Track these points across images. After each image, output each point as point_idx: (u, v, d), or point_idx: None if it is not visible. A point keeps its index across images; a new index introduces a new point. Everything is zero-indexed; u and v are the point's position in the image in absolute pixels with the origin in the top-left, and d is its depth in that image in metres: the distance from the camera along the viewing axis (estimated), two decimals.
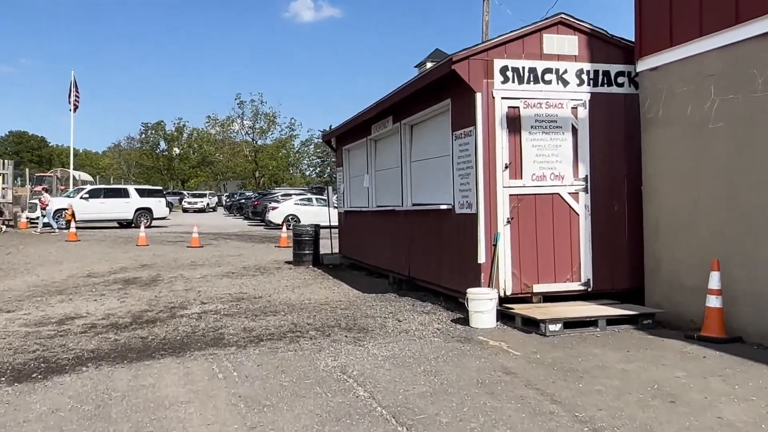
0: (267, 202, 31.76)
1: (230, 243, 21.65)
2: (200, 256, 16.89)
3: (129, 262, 15.74)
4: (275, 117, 76.07)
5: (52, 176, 43.11)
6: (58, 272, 13.80)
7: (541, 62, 7.62)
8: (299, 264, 14.38)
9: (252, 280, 11.91)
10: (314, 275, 12.68)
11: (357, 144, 12.91)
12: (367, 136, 11.99)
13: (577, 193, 7.70)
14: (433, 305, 8.59)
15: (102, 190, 29.30)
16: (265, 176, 76.67)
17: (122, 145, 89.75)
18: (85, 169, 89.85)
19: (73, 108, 37.14)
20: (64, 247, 19.38)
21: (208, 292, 10.53)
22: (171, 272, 13.44)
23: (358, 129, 12.40)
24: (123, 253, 17.97)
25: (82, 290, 10.98)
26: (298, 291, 10.53)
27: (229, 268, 14.04)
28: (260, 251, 18.48)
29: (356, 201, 13.34)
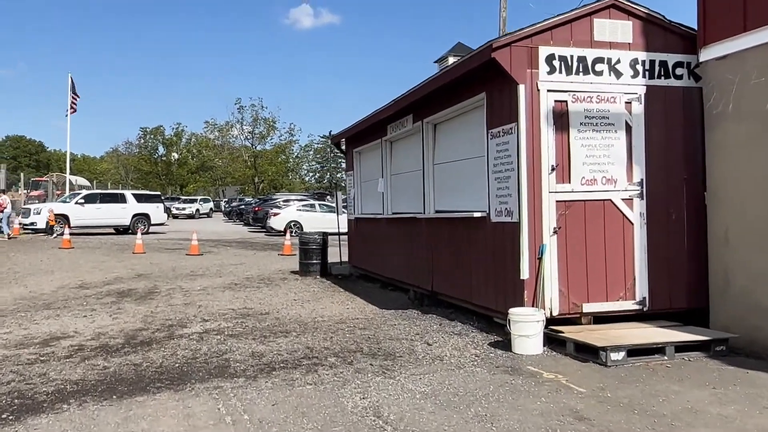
0: (268, 208, 30.80)
1: (231, 251, 20.71)
2: (200, 265, 15.94)
3: (124, 271, 14.79)
4: (275, 122, 75.27)
5: (48, 181, 42.18)
6: (48, 283, 12.85)
7: (592, 50, 6.71)
8: (306, 274, 13.45)
9: (257, 293, 10.96)
10: (324, 287, 11.74)
11: (370, 146, 11.99)
12: (382, 137, 11.07)
13: (632, 200, 6.77)
14: (464, 325, 7.65)
15: (98, 195, 28.31)
16: (264, 182, 75.74)
17: (120, 150, 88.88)
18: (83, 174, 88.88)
19: (70, 110, 36.20)
20: (57, 255, 18.42)
21: (210, 306, 9.58)
22: (169, 283, 12.49)
23: (371, 130, 11.49)
24: (118, 261, 17.02)
25: (72, 304, 10.03)
26: (309, 306, 9.58)
27: (231, 279, 13.10)
28: (263, 260, 17.54)
29: (368, 207, 12.42)
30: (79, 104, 36.81)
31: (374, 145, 11.68)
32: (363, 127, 11.75)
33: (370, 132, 11.66)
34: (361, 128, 11.88)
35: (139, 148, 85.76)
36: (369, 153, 12.32)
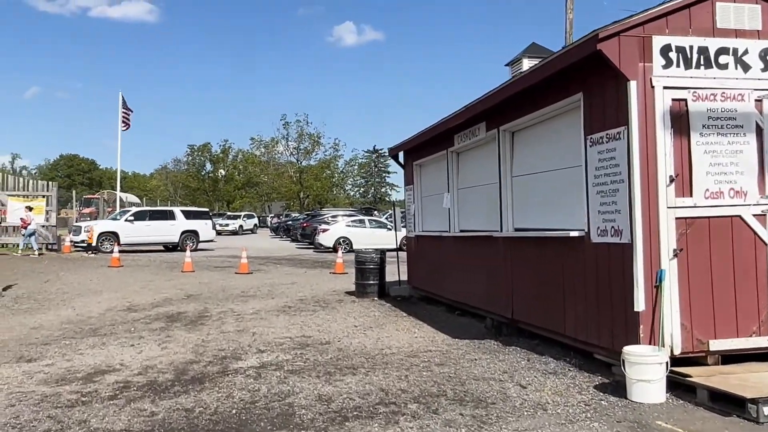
0: (317, 224, 30.22)
1: (280, 269, 20.06)
2: (250, 285, 15.27)
3: (173, 291, 14.21)
4: (320, 137, 75.31)
5: (99, 198, 42.68)
6: (95, 304, 12.34)
7: (714, 40, 5.69)
8: (363, 296, 12.59)
9: (313, 318, 10.14)
10: (384, 311, 10.84)
11: (433, 158, 11.11)
12: (448, 148, 10.18)
13: (765, 216, 5.69)
14: (557, 361, 6.63)
15: (147, 213, 28.22)
16: (309, 197, 75.73)
17: (169, 168, 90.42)
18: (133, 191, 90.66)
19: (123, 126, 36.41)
20: (106, 273, 18.06)
21: (265, 334, 8.79)
22: (219, 305, 11.80)
23: (435, 140, 10.62)
24: (167, 280, 16.51)
25: (119, 330, 9.39)
26: (372, 334, 8.70)
27: (284, 301, 12.34)
28: (315, 279, 16.78)
29: (431, 224, 11.51)
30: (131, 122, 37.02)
31: (438, 157, 10.79)
32: (425, 138, 10.89)
33: (433, 143, 10.79)
34: (423, 139, 11.02)
35: (187, 165, 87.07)
36: (432, 166, 11.44)
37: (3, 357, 7.66)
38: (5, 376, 6.66)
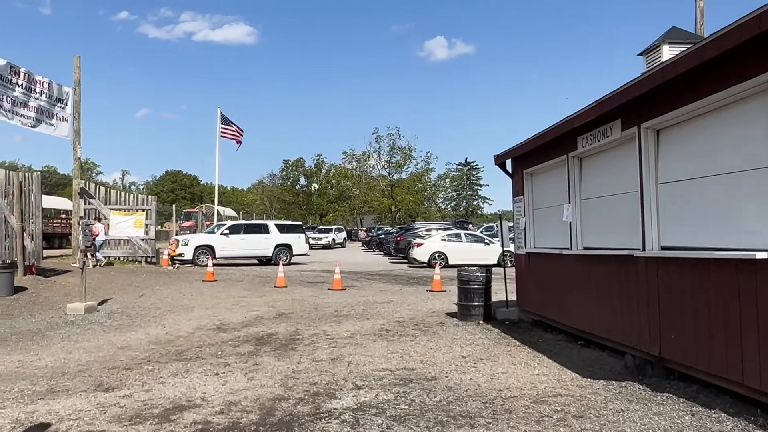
0: (410, 238, 29.20)
1: (374, 285, 19.14)
2: (344, 303, 14.41)
3: (265, 309, 13.57)
4: (411, 151, 74.71)
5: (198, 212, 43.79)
6: (186, 322, 11.83)
7: None
8: (466, 318, 11.37)
9: (414, 345, 9.04)
10: (493, 338, 9.58)
11: (548, 165, 9.78)
12: (569, 153, 8.84)
13: None
14: (734, 419, 5.15)
15: (242, 226, 28.23)
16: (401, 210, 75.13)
17: (265, 182, 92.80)
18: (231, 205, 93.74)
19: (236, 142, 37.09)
20: (200, 288, 17.80)
21: (361, 364, 7.78)
22: (312, 327, 10.95)
23: (551, 145, 9.30)
24: (259, 296, 15.97)
25: (206, 353, 8.67)
26: (484, 368, 7.48)
27: (380, 323, 11.33)
28: (411, 297, 15.71)
29: (545, 240, 10.17)
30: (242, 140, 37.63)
31: (555, 163, 9.46)
32: (539, 142, 9.59)
33: (548, 148, 9.47)
34: (537, 144, 9.72)
35: (282, 179, 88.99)
36: (547, 174, 10.11)
37: (82, 383, 7.06)
38: (78, 408, 5.98)
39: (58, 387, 6.91)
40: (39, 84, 22.55)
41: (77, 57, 24.91)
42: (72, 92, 24.37)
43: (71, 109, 24.42)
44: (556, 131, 8.85)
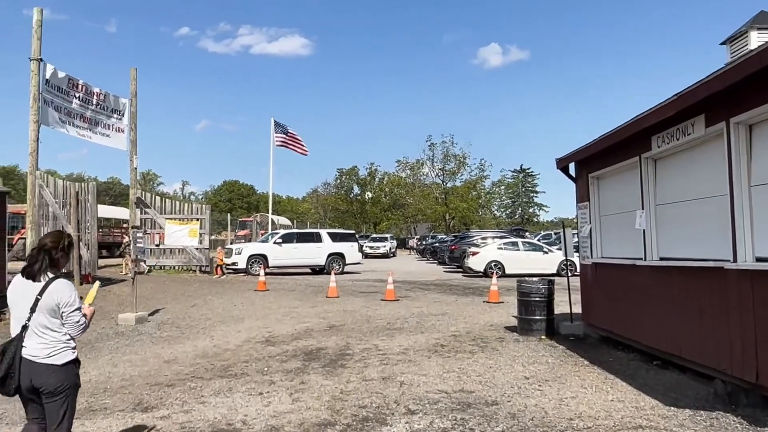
0: (466, 247, 28.42)
1: (429, 295, 18.51)
2: (397, 315, 13.86)
3: (315, 320, 13.15)
4: (465, 158, 73.69)
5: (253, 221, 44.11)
6: (235, 334, 11.51)
7: None
8: (527, 333, 10.63)
9: (472, 363, 8.39)
10: (558, 356, 8.82)
11: (617, 168, 9.00)
12: (641, 154, 8.06)
13: None
14: None
15: (295, 235, 28.06)
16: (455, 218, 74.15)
17: (319, 191, 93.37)
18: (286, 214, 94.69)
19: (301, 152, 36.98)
20: (251, 298, 17.57)
21: (415, 384, 7.19)
22: (363, 341, 10.43)
23: (620, 146, 8.53)
24: (311, 307, 15.58)
25: (251, 369, 8.26)
26: (551, 392, 6.78)
27: (435, 336, 10.72)
28: (467, 308, 15.02)
29: (614, 249, 9.36)
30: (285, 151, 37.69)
31: (625, 166, 8.68)
32: (606, 144, 8.82)
33: (617, 149, 8.70)
34: (604, 146, 8.94)
35: (336, 188, 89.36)
36: (615, 177, 9.32)
37: (122, 401, 6.73)
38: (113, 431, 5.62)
39: (97, 405, 6.60)
40: (96, 95, 22.95)
41: (134, 69, 25.31)
42: (128, 103, 24.75)
43: (128, 120, 24.80)
44: (626, 130, 8.08)
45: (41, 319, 3.79)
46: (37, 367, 3.78)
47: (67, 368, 3.85)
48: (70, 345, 3.88)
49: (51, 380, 3.78)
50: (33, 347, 3.79)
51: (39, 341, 3.80)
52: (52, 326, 3.80)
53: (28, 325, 3.80)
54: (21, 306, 3.84)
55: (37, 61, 19.24)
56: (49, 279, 3.84)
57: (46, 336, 3.80)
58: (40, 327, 3.79)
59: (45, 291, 3.79)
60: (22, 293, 3.85)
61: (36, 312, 3.78)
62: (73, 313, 3.83)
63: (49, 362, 3.79)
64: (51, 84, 20.21)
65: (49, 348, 3.79)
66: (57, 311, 3.79)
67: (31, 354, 3.79)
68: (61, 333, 3.84)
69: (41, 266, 3.85)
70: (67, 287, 3.85)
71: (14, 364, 3.77)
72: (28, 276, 3.85)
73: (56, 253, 3.91)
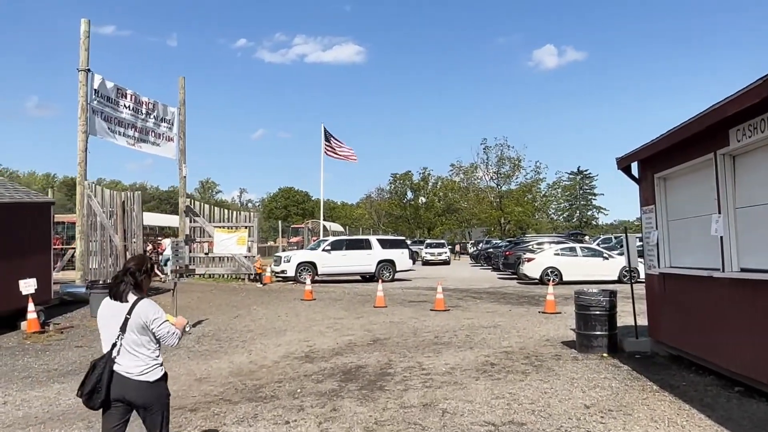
0: (521, 252, 27.30)
1: (480, 305, 17.62)
2: (445, 327, 13.08)
3: (360, 333, 12.51)
4: (520, 161, 71.83)
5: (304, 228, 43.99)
6: (274, 348, 11.00)
7: None
8: (586, 350, 9.69)
9: (524, 386, 7.55)
10: (622, 379, 7.86)
11: (688, 166, 8.00)
12: (716, 150, 7.07)
13: None
14: None
15: (344, 242, 27.55)
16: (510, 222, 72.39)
17: (373, 197, 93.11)
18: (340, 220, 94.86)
19: (344, 157, 36.53)
20: (296, 309, 17.08)
21: (459, 413, 6.41)
22: (406, 358, 9.71)
23: (691, 142, 7.55)
24: (356, 318, 14.96)
25: (283, 392, 7.66)
26: (616, 426, 5.88)
27: (484, 353, 9.90)
28: (521, 320, 14.09)
29: (685, 258, 8.34)
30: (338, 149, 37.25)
31: (698, 164, 7.68)
32: (675, 140, 7.83)
33: (688, 146, 7.71)
34: (671, 142, 7.95)
35: (390, 193, 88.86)
36: (685, 178, 8.31)
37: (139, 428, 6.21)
38: None
39: None
40: (145, 105, 23.06)
41: (182, 78, 25.40)
42: (177, 112, 24.82)
43: (177, 129, 24.86)
44: (699, 123, 7.10)
45: (133, 338, 4.04)
46: (131, 383, 4.03)
47: (159, 384, 4.13)
48: (158, 362, 4.16)
49: (145, 396, 4.07)
50: (126, 365, 4.03)
51: (132, 359, 4.03)
52: (143, 343, 4.05)
53: (118, 343, 4.04)
54: (111, 325, 4.08)
55: (84, 72, 19.38)
56: (135, 299, 4.08)
57: (138, 354, 4.05)
58: (133, 345, 4.04)
59: (132, 311, 4.04)
60: (110, 314, 4.10)
61: (126, 331, 4.03)
62: (161, 326, 4.09)
63: (142, 379, 4.04)
64: (100, 94, 20.36)
65: (141, 366, 4.03)
66: (146, 329, 4.04)
67: (125, 371, 4.03)
68: (151, 350, 4.10)
69: (126, 288, 4.12)
70: (152, 305, 4.11)
71: (102, 380, 4.00)
72: (114, 297, 4.12)
73: (140, 275, 4.18)
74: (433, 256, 44.74)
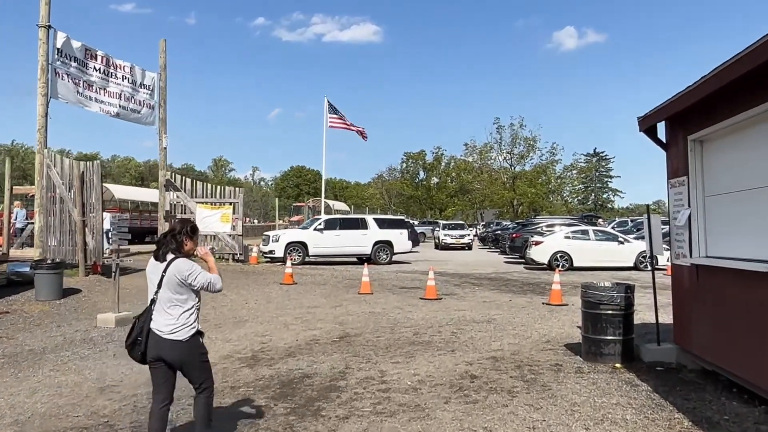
0: (528, 235, 25.23)
1: (478, 293, 15.66)
2: (430, 320, 11.18)
3: (329, 327, 10.67)
4: (535, 141, 69.23)
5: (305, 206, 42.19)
6: (220, 345, 9.18)
7: None
8: (594, 358, 7.73)
9: (508, 415, 5.60)
10: (641, 406, 5.87)
11: (736, 123, 5.93)
12: None
13: None
14: None
15: (338, 221, 25.58)
16: (523, 204, 70.04)
17: (384, 176, 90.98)
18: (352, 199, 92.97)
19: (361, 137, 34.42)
20: (270, 294, 15.22)
21: None
22: (369, 364, 7.81)
23: (739, 90, 5.50)
24: (333, 307, 13.08)
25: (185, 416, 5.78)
26: None
27: (467, 359, 7.98)
28: (521, 313, 12.14)
29: (728, 245, 6.30)
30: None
31: (751, 119, 5.62)
32: (717, 86, 5.74)
33: (735, 94, 5.66)
34: (711, 90, 5.86)
35: (402, 173, 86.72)
36: (732, 138, 6.23)
37: None
38: None
39: None
40: (120, 69, 21.14)
41: (163, 41, 23.49)
42: (157, 77, 22.90)
43: (157, 97, 22.96)
44: (751, 59, 5.03)
45: (168, 295, 4.27)
46: (163, 342, 4.24)
47: (190, 342, 4.30)
48: (190, 322, 4.30)
49: (177, 354, 4.27)
50: (159, 322, 4.27)
51: (165, 317, 4.26)
52: (177, 302, 4.26)
53: (156, 299, 4.29)
54: (152, 282, 4.34)
55: (45, 28, 17.48)
56: (172, 258, 4.30)
57: (171, 312, 4.26)
58: (167, 303, 4.26)
59: (168, 268, 4.26)
60: (152, 272, 4.38)
61: (162, 288, 4.26)
62: (197, 277, 4.26)
63: (173, 338, 4.24)
64: (64, 54, 18.45)
65: (171, 325, 4.23)
66: (183, 285, 4.24)
67: (157, 328, 4.26)
68: (184, 310, 4.28)
69: (166, 248, 4.35)
70: (185, 262, 4.28)
71: (142, 334, 4.28)
72: (156, 258, 4.37)
73: (180, 236, 4.38)
74: (454, 239, 37.89)
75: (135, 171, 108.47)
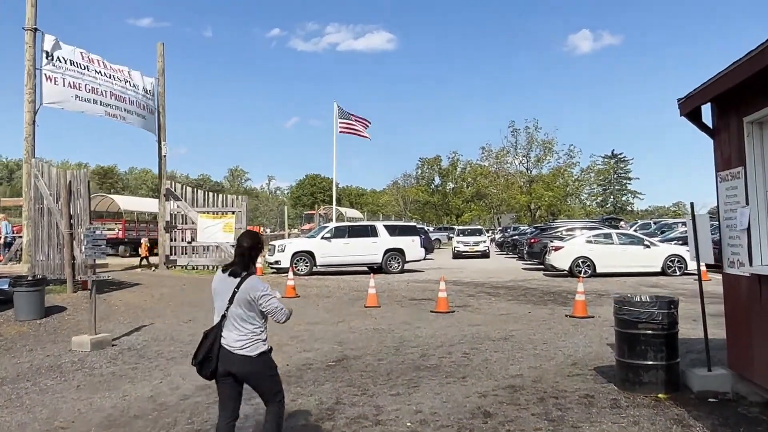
0: (547, 240, 23.89)
1: (495, 304, 14.42)
2: (441, 339, 10.00)
3: (327, 348, 9.53)
4: (552, 144, 67.67)
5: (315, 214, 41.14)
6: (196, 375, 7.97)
7: None
8: (633, 387, 6.47)
9: None
10: None
11: None
12: None
13: None
14: None
15: (347, 229, 24.42)
16: (540, 208, 68.47)
17: (399, 183, 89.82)
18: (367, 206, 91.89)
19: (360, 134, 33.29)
20: None
21: None
22: (364, 397, 6.63)
23: None
24: (335, 323, 11.94)
25: None
26: None
27: (480, 390, 6.76)
28: (542, 327, 10.90)
29: None
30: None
31: None
32: None
33: None
34: None
35: (417, 179, 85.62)
36: None
37: None
38: None
39: None
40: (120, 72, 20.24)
41: (160, 44, 22.54)
42: (156, 83, 21.97)
43: (156, 102, 22.04)
44: None
45: (238, 312, 4.21)
46: (234, 357, 4.20)
47: (261, 359, 4.27)
48: (261, 338, 4.29)
49: (247, 370, 4.25)
50: (230, 338, 4.22)
51: (236, 333, 4.22)
52: (248, 319, 4.23)
53: (227, 314, 4.23)
54: (221, 298, 4.28)
55: (31, 31, 16.57)
56: (245, 275, 4.25)
57: (242, 328, 4.22)
58: (238, 319, 4.22)
59: (241, 286, 4.21)
60: (222, 287, 4.30)
61: (233, 304, 4.20)
62: (269, 301, 4.23)
63: (244, 353, 4.20)
64: (56, 57, 17.55)
65: (243, 341, 4.21)
66: (252, 304, 4.20)
67: (228, 344, 4.22)
68: (254, 326, 4.25)
69: (242, 264, 4.30)
70: (259, 282, 4.28)
71: (213, 350, 4.23)
72: (230, 274, 4.30)
73: (253, 252, 4.38)
74: (468, 246, 34.07)
75: (152, 182, 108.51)
